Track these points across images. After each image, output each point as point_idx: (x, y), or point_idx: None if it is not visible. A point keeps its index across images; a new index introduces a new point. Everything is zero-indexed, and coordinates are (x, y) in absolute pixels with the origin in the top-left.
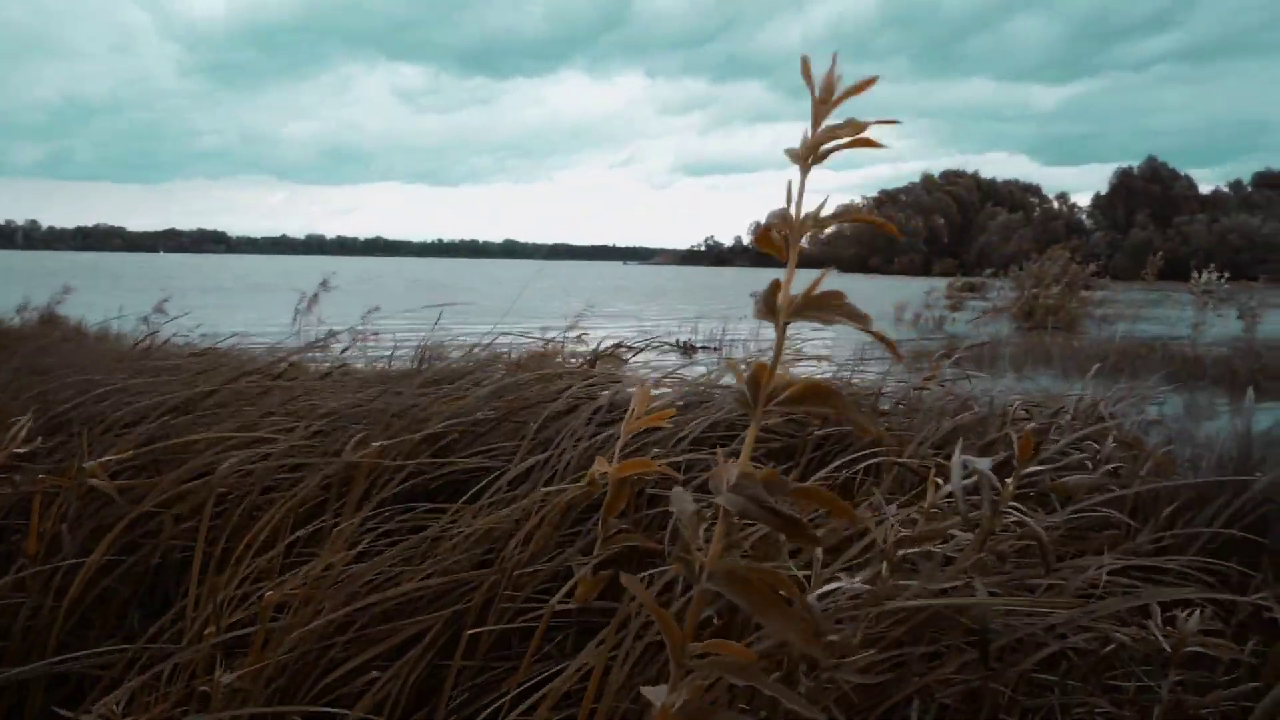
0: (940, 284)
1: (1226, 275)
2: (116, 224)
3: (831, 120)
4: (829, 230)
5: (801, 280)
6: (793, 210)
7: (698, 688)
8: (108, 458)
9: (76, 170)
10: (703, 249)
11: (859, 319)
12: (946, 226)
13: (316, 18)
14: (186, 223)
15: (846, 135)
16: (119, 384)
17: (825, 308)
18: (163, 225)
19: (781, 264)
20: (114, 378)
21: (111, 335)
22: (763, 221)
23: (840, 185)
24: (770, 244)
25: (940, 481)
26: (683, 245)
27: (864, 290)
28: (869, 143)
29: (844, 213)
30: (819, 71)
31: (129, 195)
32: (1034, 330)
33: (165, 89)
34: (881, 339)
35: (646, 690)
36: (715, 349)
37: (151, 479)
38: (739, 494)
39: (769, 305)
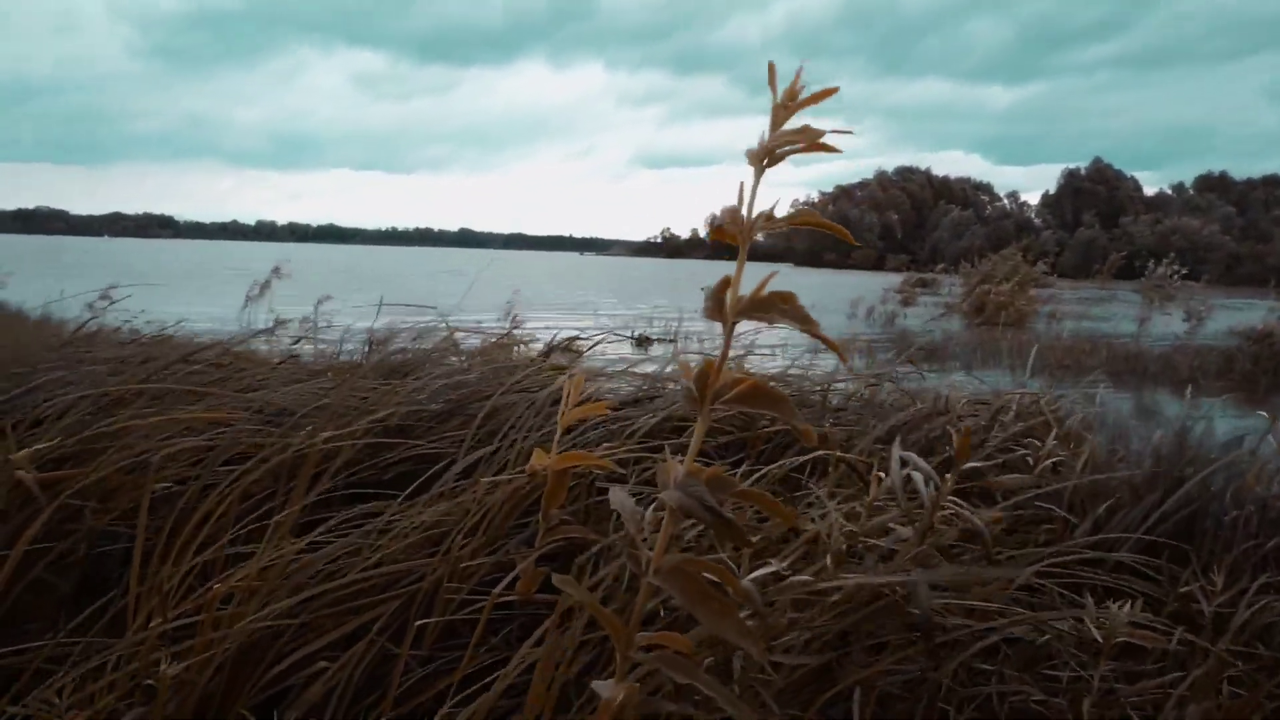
0: (894, 279)
1: (1184, 271)
2: (59, 206)
3: (790, 125)
4: None
5: (753, 275)
6: (744, 210)
7: (633, 688)
8: (37, 447)
9: (17, 151)
10: (659, 241)
11: (805, 321)
12: (900, 223)
13: (273, 1)
14: (132, 207)
15: (802, 141)
16: (57, 373)
17: (772, 309)
18: (107, 209)
19: (737, 257)
20: (53, 365)
21: (53, 321)
22: (717, 215)
23: (796, 179)
24: (725, 235)
25: (883, 476)
26: (639, 237)
27: (819, 285)
28: (824, 148)
29: (796, 214)
30: (784, 76)
31: (71, 178)
32: (983, 326)
33: (112, 71)
34: (827, 341)
35: (596, 685)
36: (671, 341)
37: (86, 468)
38: (683, 491)
39: (717, 305)
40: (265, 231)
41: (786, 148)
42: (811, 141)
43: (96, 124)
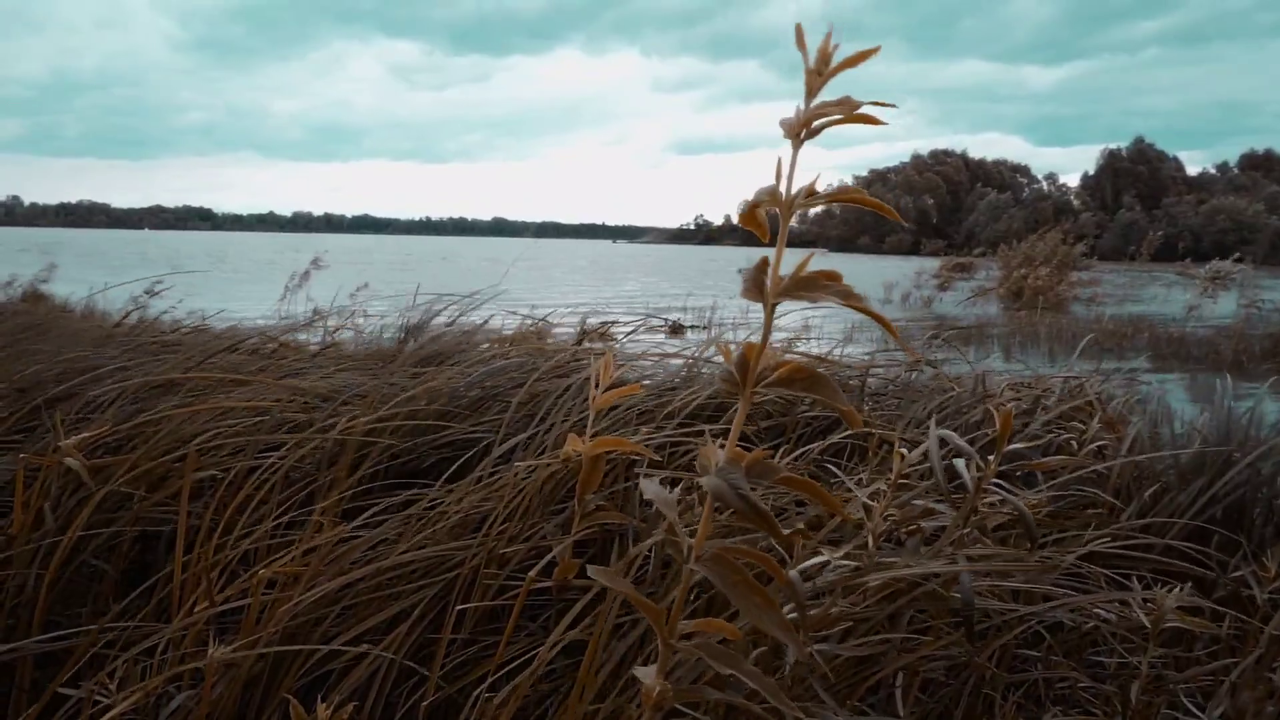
0: (929, 264)
1: (1251, 261)
2: (101, 200)
3: (826, 95)
4: (817, 209)
5: (789, 260)
6: (783, 187)
7: (666, 688)
8: (84, 435)
9: (61, 146)
10: (692, 228)
11: (852, 298)
12: (935, 206)
13: None
14: (172, 199)
15: (841, 112)
16: (105, 362)
17: (816, 287)
18: (148, 202)
19: (770, 244)
20: (101, 356)
21: (98, 313)
22: (747, 203)
23: (829, 164)
24: (754, 222)
25: (905, 452)
26: (672, 224)
27: (853, 270)
28: (865, 119)
29: (838, 191)
30: (814, 42)
31: (114, 171)
32: (1021, 311)
33: (155, 64)
34: (878, 318)
35: (638, 670)
36: (705, 328)
37: (132, 455)
38: (721, 479)
39: (757, 285)
40: (301, 222)
41: (825, 119)
42: (850, 112)
43: (139, 118)
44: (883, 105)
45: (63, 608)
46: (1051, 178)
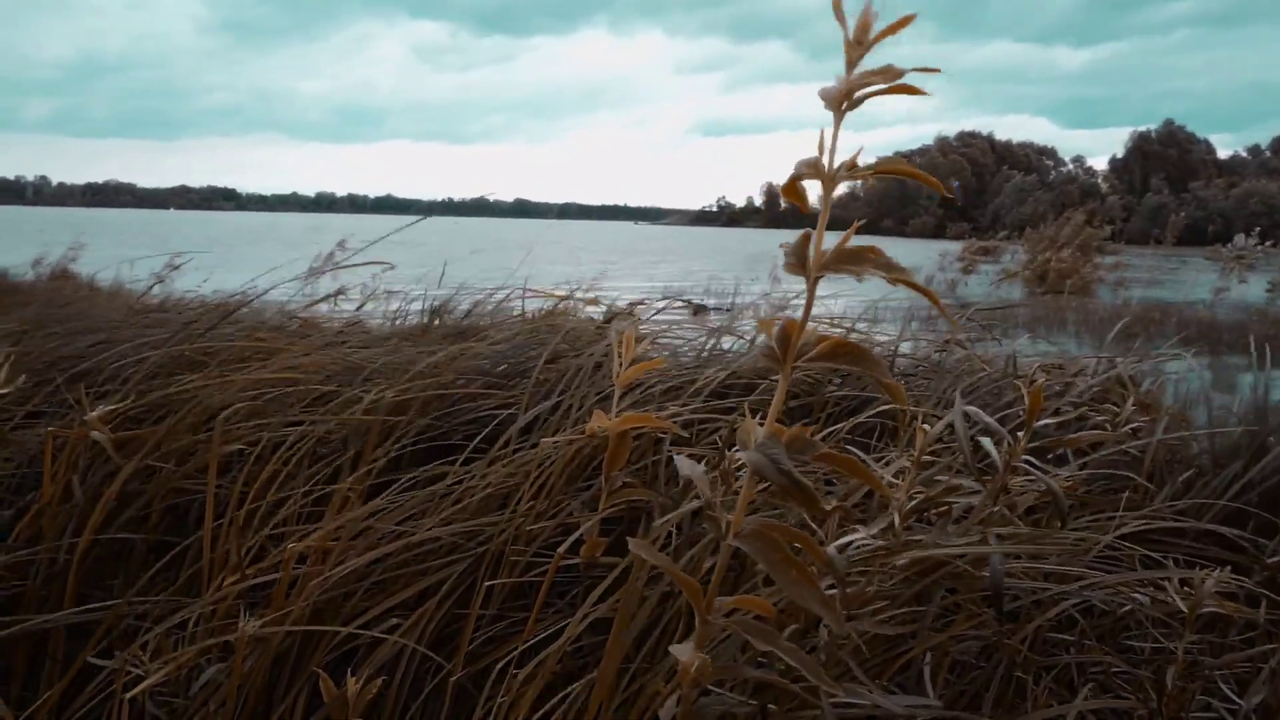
0: (953, 247)
1: (1270, 243)
2: (127, 180)
3: (865, 65)
4: (841, 190)
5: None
6: (825, 159)
7: (706, 660)
8: (108, 407)
9: (88, 127)
10: (714, 209)
11: (896, 271)
12: (960, 189)
13: None
14: (197, 180)
15: (884, 80)
16: (132, 338)
17: (861, 261)
18: (173, 182)
19: (794, 225)
20: (128, 331)
21: (125, 291)
22: (788, 175)
23: (855, 145)
24: (796, 194)
25: (927, 428)
26: (695, 206)
27: None
28: (908, 89)
29: (883, 163)
30: (853, 10)
31: (140, 152)
32: (1046, 295)
33: (181, 46)
34: (925, 292)
35: (675, 648)
36: (727, 309)
37: (157, 428)
38: (762, 454)
39: (799, 258)
40: (325, 203)
41: (867, 89)
42: (893, 80)
43: (166, 99)
44: (926, 71)
45: (95, 580)
46: (1079, 161)
